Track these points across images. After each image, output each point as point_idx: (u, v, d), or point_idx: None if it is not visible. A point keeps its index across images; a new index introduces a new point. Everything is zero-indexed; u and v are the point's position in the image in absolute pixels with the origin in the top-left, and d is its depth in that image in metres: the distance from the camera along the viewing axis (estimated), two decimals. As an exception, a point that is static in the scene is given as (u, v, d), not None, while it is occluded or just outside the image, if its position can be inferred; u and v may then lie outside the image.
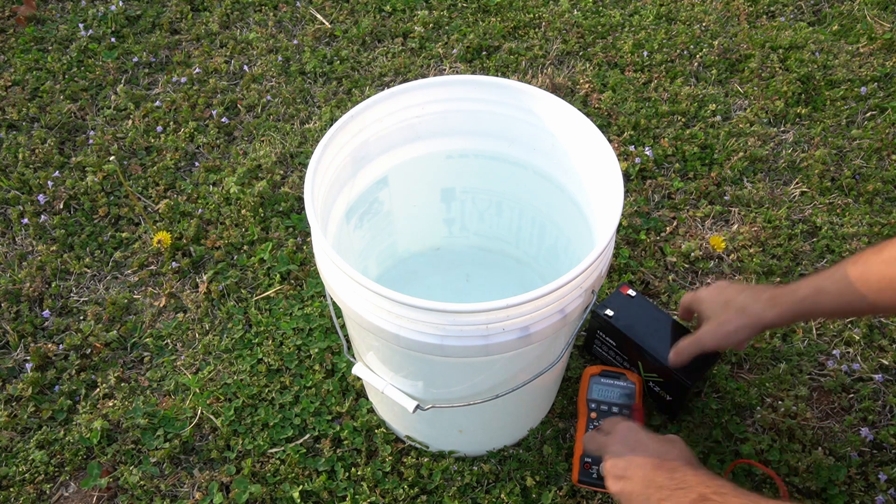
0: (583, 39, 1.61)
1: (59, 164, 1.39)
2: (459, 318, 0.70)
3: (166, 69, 1.58)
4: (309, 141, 1.42)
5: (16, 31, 1.65)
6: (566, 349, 0.86)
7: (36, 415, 1.08)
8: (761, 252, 1.24)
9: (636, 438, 0.83)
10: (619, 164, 0.82)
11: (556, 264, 1.06)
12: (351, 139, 0.87)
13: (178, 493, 1.00)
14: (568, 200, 0.94)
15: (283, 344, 1.13)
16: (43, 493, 1.01)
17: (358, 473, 1.00)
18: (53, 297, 1.20)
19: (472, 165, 1.00)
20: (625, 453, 0.82)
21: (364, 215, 0.98)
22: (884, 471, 0.99)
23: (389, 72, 1.55)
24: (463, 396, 0.85)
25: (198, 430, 1.06)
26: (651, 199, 1.33)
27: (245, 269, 1.23)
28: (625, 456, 0.81)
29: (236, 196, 1.32)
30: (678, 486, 0.75)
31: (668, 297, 1.18)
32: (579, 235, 0.95)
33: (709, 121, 1.44)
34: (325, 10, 1.70)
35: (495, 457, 1.02)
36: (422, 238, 1.13)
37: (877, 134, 1.40)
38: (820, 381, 1.10)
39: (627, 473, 0.79)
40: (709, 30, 1.63)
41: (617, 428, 0.86)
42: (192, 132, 1.44)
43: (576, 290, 0.74)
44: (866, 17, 1.65)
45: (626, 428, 0.85)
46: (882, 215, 1.29)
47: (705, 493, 0.72)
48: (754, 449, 1.01)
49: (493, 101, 0.91)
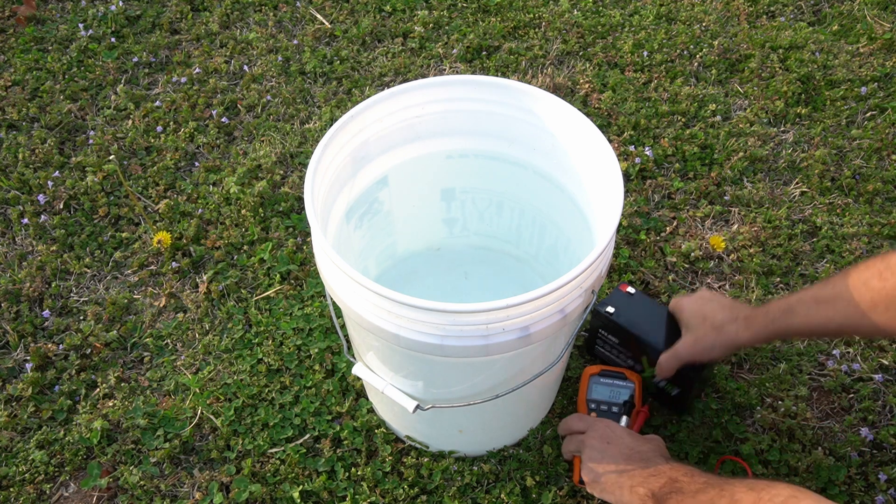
0: (583, 39, 1.61)
1: (59, 164, 1.39)
2: (459, 318, 0.70)
3: (166, 69, 1.58)
4: (309, 141, 1.42)
5: (16, 31, 1.65)
6: (566, 349, 0.86)
7: (36, 415, 1.08)
8: (761, 252, 1.24)
9: (612, 433, 0.87)
10: (619, 164, 0.82)
11: (557, 264, 1.06)
12: (351, 139, 0.87)
13: (178, 493, 1.00)
14: (568, 200, 0.94)
15: (283, 344, 1.13)
16: (43, 493, 1.01)
17: (358, 473, 1.00)
18: (53, 297, 1.20)
19: (472, 165, 1.00)
20: (601, 447, 0.86)
21: (364, 215, 0.98)
22: (884, 471, 0.99)
23: (389, 72, 1.55)
24: (463, 396, 0.85)
25: (198, 430, 1.06)
26: (651, 199, 1.33)
27: (245, 269, 1.23)
28: (600, 449, 0.85)
29: (236, 196, 1.32)
30: (651, 474, 0.79)
31: (668, 297, 1.18)
32: (579, 235, 0.95)
33: (709, 121, 1.44)
34: (325, 10, 1.70)
35: (495, 457, 1.02)
36: (422, 238, 1.13)
37: (877, 134, 1.40)
38: (820, 381, 1.10)
39: (602, 465, 0.81)
40: (709, 30, 1.63)
41: (595, 425, 0.90)
42: (192, 132, 1.44)
43: (576, 290, 0.74)
44: (866, 17, 1.65)
45: (603, 424, 0.89)
46: (882, 215, 1.29)
47: (675, 476, 0.76)
48: (754, 449, 1.01)
49: (493, 101, 0.91)
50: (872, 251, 1.24)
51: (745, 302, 1.17)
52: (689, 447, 1.01)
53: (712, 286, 1.21)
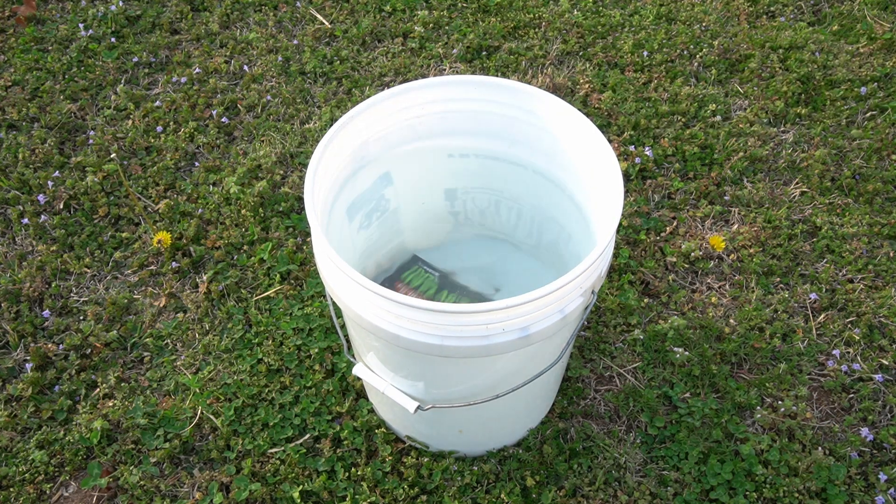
0: (583, 39, 1.61)
1: (59, 164, 1.39)
2: (459, 318, 0.70)
3: (166, 69, 1.58)
4: (309, 141, 1.42)
5: (16, 31, 1.65)
6: (566, 349, 0.86)
7: (36, 415, 1.08)
8: (761, 252, 1.24)
9: None
10: (619, 164, 0.82)
11: (557, 264, 1.06)
12: (351, 140, 0.87)
13: (178, 493, 1.00)
14: (568, 200, 0.94)
15: (283, 344, 1.13)
16: (43, 493, 1.01)
17: (358, 473, 1.00)
18: (53, 297, 1.20)
19: (473, 165, 1.00)
20: None
21: (371, 213, 0.98)
22: (884, 471, 0.99)
23: (389, 72, 1.55)
24: (463, 396, 0.85)
25: (198, 430, 1.06)
26: (651, 199, 1.33)
27: (245, 269, 1.23)
28: None
29: (236, 196, 1.32)
30: None
31: (668, 297, 1.18)
32: (579, 235, 0.95)
33: (709, 121, 1.44)
34: (325, 10, 1.70)
35: (495, 457, 1.02)
36: (426, 236, 1.13)
37: (877, 134, 1.40)
38: (820, 381, 1.10)
39: None
40: (709, 30, 1.63)
41: None
42: (192, 132, 1.44)
43: (576, 290, 0.74)
44: (866, 17, 1.65)
45: None
46: (882, 215, 1.29)
47: None
48: (754, 449, 1.01)
49: (493, 101, 0.91)
50: (872, 251, 1.24)
51: (746, 302, 1.17)
52: (689, 447, 1.01)
53: (712, 286, 1.21)
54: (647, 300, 1.18)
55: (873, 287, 1.19)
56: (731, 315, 1.17)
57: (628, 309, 1.16)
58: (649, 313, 1.17)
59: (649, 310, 1.17)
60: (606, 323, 1.15)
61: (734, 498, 0.98)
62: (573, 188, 0.92)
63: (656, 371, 1.10)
